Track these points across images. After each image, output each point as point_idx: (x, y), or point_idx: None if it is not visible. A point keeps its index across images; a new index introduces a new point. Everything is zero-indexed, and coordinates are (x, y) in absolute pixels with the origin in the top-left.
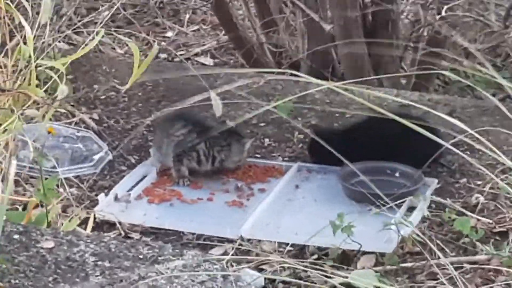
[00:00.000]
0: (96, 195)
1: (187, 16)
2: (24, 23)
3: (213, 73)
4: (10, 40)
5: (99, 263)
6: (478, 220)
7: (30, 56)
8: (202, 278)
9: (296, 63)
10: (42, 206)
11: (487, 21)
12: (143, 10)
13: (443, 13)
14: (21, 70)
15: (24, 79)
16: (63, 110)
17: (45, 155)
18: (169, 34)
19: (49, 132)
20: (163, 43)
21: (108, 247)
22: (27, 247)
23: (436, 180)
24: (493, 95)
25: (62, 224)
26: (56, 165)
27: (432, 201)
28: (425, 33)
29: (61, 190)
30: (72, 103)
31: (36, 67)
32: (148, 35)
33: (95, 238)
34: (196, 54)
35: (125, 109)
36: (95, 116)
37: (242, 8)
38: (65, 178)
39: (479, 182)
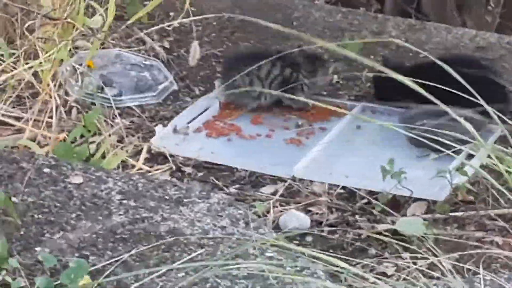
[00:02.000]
0: (156, 125)
1: None
2: None
3: (291, 4)
4: None
5: (124, 201)
6: None
7: None
8: (224, 223)
9: None
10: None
11: None
12: None
13: None
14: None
15: (74, 8)
16: (135, 37)
17: (109, 82)
18: None
19: (88, 66)
20: None
21: (136, 186)
22: (56, 181)
23: (500, 128)
24: None
25: (117, 154)
26: (108, 94)
27: (495, 148)
28: None
29: (122, 119)
30: (144, 31)
31: None
32: None
33: (124, 176)
34: None
35: (198, 38)
36: (166, 45)
37: None
38: (127, 107)
39: None
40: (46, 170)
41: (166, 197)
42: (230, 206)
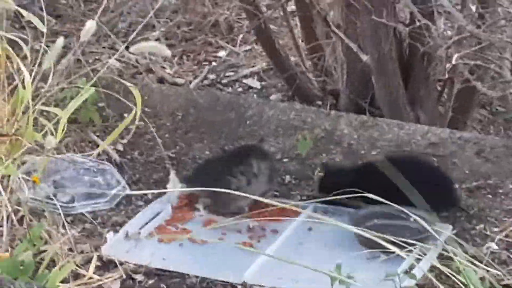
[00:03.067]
0: (108, 231)
1: (241, 36)
2: (22, 67)
3: (244, 102)
4: (9, 84)
5: None
6: (488, 271)
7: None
8: None
9: (336, 91)
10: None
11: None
12: (197, 28)
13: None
14: (17, 115)
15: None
16: (88, 140)
17: (61, 189)
18: (221, 53)
19: (34, 181)
20: (213, 63)
21: None
22: None
23: (450, 227)
24: None
25: (68, 262)
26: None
27: (444, 249)
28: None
29: (74, 225)
30: (97, 133)
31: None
32: (199, 54)
33: None
34: (245, 76)
35: (151, 140)
36: (120, 147)
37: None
38: (80, 213)
39: (496, 229)
40: None
41: None
42: None
